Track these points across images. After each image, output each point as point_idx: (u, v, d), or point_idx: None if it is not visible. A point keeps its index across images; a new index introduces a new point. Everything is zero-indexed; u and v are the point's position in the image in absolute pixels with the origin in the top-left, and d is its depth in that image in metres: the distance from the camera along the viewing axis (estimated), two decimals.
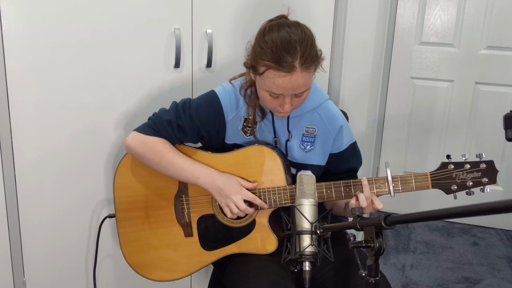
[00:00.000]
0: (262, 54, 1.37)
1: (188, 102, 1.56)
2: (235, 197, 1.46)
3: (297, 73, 1.35)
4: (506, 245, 2.62)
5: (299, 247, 1.25)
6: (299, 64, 1.34)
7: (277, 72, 1.35)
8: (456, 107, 2.66)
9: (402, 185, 1.44)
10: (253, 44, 1.43)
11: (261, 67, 1.38)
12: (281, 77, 1.35)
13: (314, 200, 1.30)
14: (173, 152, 1.53)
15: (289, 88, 1.37)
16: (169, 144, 1.55)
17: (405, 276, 2.36)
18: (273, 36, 1.37)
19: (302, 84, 1.38)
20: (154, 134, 1.54)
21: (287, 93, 1.39)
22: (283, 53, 1.34)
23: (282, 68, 1.34)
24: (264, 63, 1.36)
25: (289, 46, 1.34)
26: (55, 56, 1.72)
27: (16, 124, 1.75)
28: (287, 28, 1.38)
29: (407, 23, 2.61)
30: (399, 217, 0.96)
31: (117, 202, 1.64)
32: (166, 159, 1.53)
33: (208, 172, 1.51)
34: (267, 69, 1.36)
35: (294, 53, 1.34)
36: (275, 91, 1.39)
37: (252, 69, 1.43)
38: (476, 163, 1.40)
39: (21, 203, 1.83)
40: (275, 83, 1.37)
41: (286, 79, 1.35)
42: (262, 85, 1.41)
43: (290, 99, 1.41)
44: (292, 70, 1.34)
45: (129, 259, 1.65)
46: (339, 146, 1.58)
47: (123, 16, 1.76)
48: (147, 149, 1.54)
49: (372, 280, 1.05)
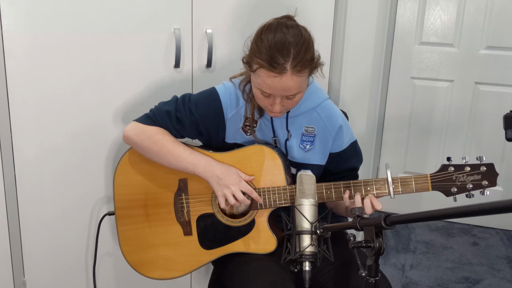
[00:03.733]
0: (257, 52, 1.37)
1: (188, 97, 1.56)
2: (233, 187, 1.46)
3: (287, 75, 1.34)
4: (506, 245, 2.62)
5: (299, 247, 1.25)
6: (290, 66, 1.34)
7: (268, 72, 1.35)
8: (456, 107, 2.66)
9: (402, 187, 1.44)
10: (252, 41, 1.43)
11: (254, 64, 1.38)
12: (271, 77, 1.35)
13: (314, 200, 1.30)
14: (173, 142, 1.53)
15: (278, 89, 1.37)
16: (168, 134, 1.55)
17: (405, 276, 2.36)
18: (269, 36, 1.37)
19: (292, 86, 1.37)
20: (153, 124, 1.55)
21: (277, 93, 1.39)
22: (275, 53, 1.33)
23: (273, 68, 1.34)
24: (257, 61, 1.37)
25: (283, 47, 1.34)
26: (55, 56, 1.72)
27: (16, 123, 1.75)
28: (285, 29, 1.37)
29: (407, 23, 2.61)
30: (399, 217, 0.96)
31: (117, 200, 1.64)
32: (166, 149, 1.52)
33: (207, 161, 1.50)
34: (259, 67, 1.37)
35: (286, 55, 1.33)
36: (265, 90, 1.39)
37: (247, 65, 1.43)
38: (476, 166, 1.40)
39: (21, 203, 1.83)
40: (265, 82, 1.37)
41: (276, 80, 1.35)
42: (255, 82, 1.42)
43: (281, 100, 1.41)
44: (283, 72, 1.34)
45: (128, 257, 1.65)
46: (340, 145, 1.58)
47: (123, 16, 1.76)
48: (146, 137, 1.54)
49: (372, 280, 1.05)
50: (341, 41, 2.11)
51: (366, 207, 1.42)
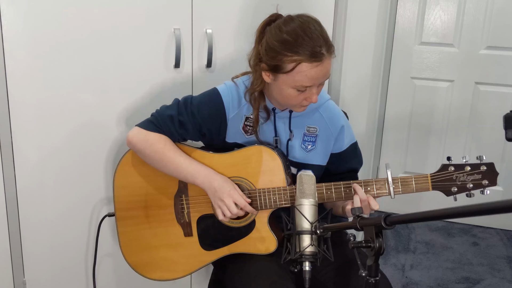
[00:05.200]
0: (287, 51, 1.34)
1: (189, 99, 1.56)
2: (227, 200, 1.46)
3: (327, 59, 1.37)
4: (506, 245, 2.62)
5: (299, 247, 1.25)
6: (325, 50, 1.36)
7: (310, 63, 1.34)
8: (456, 107, 2.66)
9: (402, 187, 1.44)
10: (265, 45, 1.40)
11: (288, 64, 1.35)
12: (313, 68, 1.35)
13: (314, 200, 1.30)
14: (174, 151, 1.53)
15: (320, 77, 1.38)
16: (170, 141, 1.55)
17: (405, 276, 2.36)
18: (291, 29, 1.36)
19: (329, 69, 1.40)
20: (155, 130, 1.54)
21: (318, 82, 1.39)
22: (310, 42, 1.34)
23: (315, 58, 1.34)
24: (292, 59, 1.34)
25: (312, 34, 1.35)
26: (55, 56, 1.72)
27: (16, 124, 1.75)
28: (300, 19, 1.39)
29: (407, 23, 2.61)
30: (399, 217, 0.96)
31: (117, 201, 1.64)
32: (167, 158, 1.52)
33: (207, 173, 1.51)
34: (297, 63, 1.35)
35: (319, 41, 1.35)
36: (306, 83, 1.37)
37: (274, 69, 1.39)
38: (476, 165, 1.40)
39: (21, 203, 1.83)
40: (308, 75, 1.36)
41: (319, 68, 1.36)
42: (290, 82, 1.38)
43: (316, 88, 1.42)
44: (323, 58, 1.35)
45: (128, 258, 1.65)
46: (340, 146, 1.58)
47: (123, 16, 1.76)
48: (148, 146, 1.54)
49: (372, 280, 1.05)
50: (341, 41, 2.11)
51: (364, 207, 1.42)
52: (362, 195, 1.42)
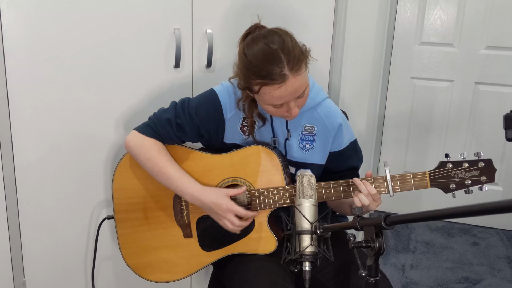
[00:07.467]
0: (251, 74, 1.36)
1: (187, 101, 1.56)
2: (228, 216, 1.47)
3: (290, 79, 1.34)
4: (506, 245, 2.62)
5: (299, 247, 1.25)
6: (288, 70, 1.33)
7: (271, 86, 1.34)
8: (456, 107, 2.66)
9: (401, 184, 1.44)
10: (238, 66, 1.42)
11: (254, 86, 1.37)
12: (276, 90, 1.35)
13: (314, 200, 1.30)
14: (165, 161, 1.53)
15: (288, 95, 1.37)
16: (164, 150, 1.55)
17: (405, 276, 2.36)
18: (253, 53, 1.36)
19: (299, 86, 1.37)
20: (153, 135, 1.54)
21: (289, 99, 1.39)
22: (269, 67, 1.33)
23: (274, 81, 1.33)
24: (256, 82, 1.36)
25: (272, 57, 1.33)
26: (55, 56, 1.72)
27: (16, 124, 1.75)
28: (264, 40, 1.36)
29: (407, 23, 2.61)
30: (399, 217, 0.96)
31: (116, 203, 1.64)
32: (158, 167, 1.53)
33: (195, 190, 1.50)
34: (260, 87, 1.36)
35: (279, 62, 1.33)
36: (276, 102, 1.39)
37: (248, 90, 1.42)
38: (474, 162, 1.40)
39: (21, 203, 1.83)
40: (274, 96, 1.36)
41: (282, 88, 1.35)
42: (263, 101, 1.41)
43: (294, 102, 1.41)
44: (285, 78, 1.33)
45: (128, 260, 1.65)
46: (339, 144, 1.58)
47: (123, 16, 1.76)
48: (142, 152, 1.54)
49: (372, 280, 1.05)
50: (341, 41, 2.11)
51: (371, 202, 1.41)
52: (363, 190, 1.42)
